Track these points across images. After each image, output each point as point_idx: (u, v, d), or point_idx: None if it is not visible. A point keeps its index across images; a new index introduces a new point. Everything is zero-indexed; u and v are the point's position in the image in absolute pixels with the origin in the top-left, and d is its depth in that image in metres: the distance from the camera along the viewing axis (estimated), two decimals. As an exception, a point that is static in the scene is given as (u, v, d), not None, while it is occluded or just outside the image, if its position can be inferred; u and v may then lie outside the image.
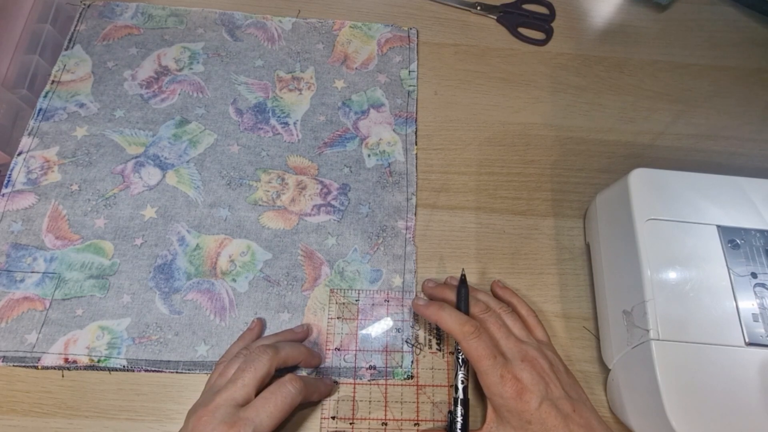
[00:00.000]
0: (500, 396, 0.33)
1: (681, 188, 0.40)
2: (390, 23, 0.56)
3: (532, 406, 0.33)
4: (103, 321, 0.40)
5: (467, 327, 0.35)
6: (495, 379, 0.33)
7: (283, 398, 0.32)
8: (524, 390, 0.33)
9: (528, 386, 0.33)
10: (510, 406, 0.33)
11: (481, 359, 0.34)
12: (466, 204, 0.47)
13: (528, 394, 0.33)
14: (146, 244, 0.43)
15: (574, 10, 0.59)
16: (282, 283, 0.43)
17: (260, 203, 0.45)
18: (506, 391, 0.33)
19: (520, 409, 0.33)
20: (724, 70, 0.56)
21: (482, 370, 0.34)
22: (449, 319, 0.35)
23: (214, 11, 0.55)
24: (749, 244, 0.38)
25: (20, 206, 0.44)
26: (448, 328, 0.35)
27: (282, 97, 0.51)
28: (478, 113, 0.52)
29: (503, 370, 0.33)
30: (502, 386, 0.33)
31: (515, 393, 0.33)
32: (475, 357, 0.34)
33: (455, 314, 0.36)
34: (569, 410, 0.33)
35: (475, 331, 0.34)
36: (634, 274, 0.37)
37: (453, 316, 0.35)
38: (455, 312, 0.36)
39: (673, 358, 0.34)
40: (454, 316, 0.36)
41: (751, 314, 0.35)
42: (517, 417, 0.33)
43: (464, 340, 0.34)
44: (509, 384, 0.33)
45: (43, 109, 0.48)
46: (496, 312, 0.38)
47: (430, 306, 0.37)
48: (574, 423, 0.33)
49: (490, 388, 0.34)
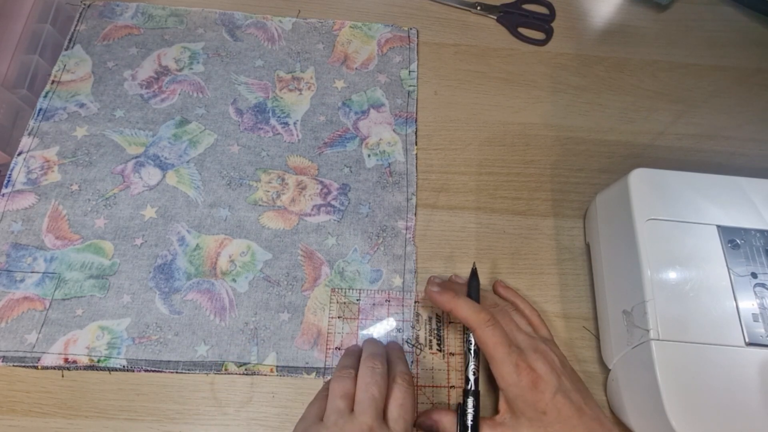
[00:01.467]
0: (515, 385, 0.33)
1: (681, 188, 0.40)
2: (390, 23, 0.56)
3: (547, 396, 0.33)
4: (103, 321, 0.40)
5: (483, 315, 0.35)
6: (510, 368, 0.33)
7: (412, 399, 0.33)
8: (539, 380, 0.33)
9: (543, 376, 0.33)
10: (525, 396, 0.33)
11: (497, 347, 0.34)
12: (466, 204, 0.47)
13: (543, 384, 0.33)
14: (146, 244, 0.43)
15: (574, 10, 0.59)
16: (282, 283, 0.43)
17: (260, 203, 0.45)
18: (522, 381, 0.33)
19: (535, 399, 0.33)
20: (724, 70, 0.56)
21: (498, 358, 0.34)
22: (465, 307, 0.35)
23: (214, 11, 0.55)
24: (749, 244, 0.38)
25: (20, 206, 0.44)
26: (463, 315, 0.35)
27: (282, 97, 0.51)
28: (478, 113, 0.52)
29: (518, 359, 0.33)
30: (517, 375, 0.33)
31: (530, 382, 0.33)
32: (491, 345, 0.34)
33: (471, 302, 0.36)
34: (581, 403, 0.33)
35: (491, 319, 0.35)
36: (634, 274, 0.37)
37: (469, 304, 0.36)
38: (470, 301, 0.36)
39: (673, 358, 0.34)
40: (470, 304, 0.36)
41: (751, 314, 0.35)
42: (532, 407, 0.33)
43: (479, 328, 0.34)
44: (525, 373, 0.33)
45: (43, 109, 0.48)
46: (504, 308, 0.38)
47: (445, 293, 0.37)
48: (586, 415, 0.33)
49: (505, 378, 0.33)
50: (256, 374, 0.39)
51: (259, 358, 0.40)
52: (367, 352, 0.36)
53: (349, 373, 0.34)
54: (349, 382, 0.33)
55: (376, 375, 0.33)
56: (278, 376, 0.40)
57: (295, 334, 0.41)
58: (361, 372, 0.34)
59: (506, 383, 0.34)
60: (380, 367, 0.34)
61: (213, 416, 0.38)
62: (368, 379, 0.33)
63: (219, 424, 0.38)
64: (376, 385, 0.32)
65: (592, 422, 0.33)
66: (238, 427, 0.38)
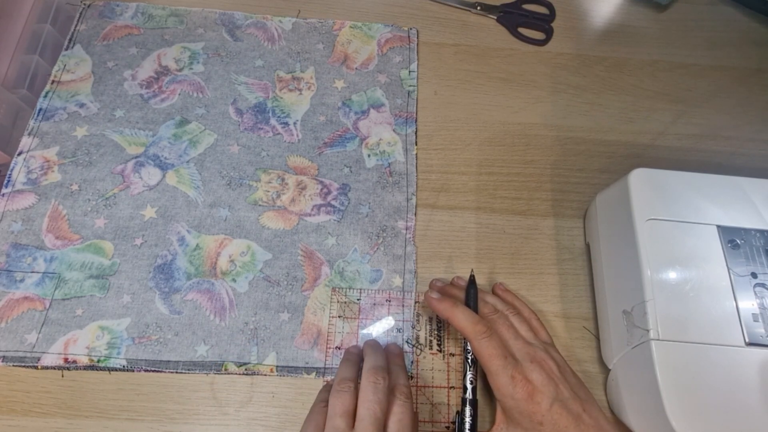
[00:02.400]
0: (511, 397, 0.33)
1: (681, 188, 0.40)
2: (390, 23, 0.56)
3: (543, 407, 0.33)
4: (102, 321, 0.40)
5: (479, 326, 0.35)
6: (506, 380, 0.33)
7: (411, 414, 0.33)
8: (535, 391, 0.33)
9: (539, 387, 0.33)
10: (521, 408, 0.33)
11: (492, 359, 0.34)
12: (466, 204, 0.47)
13: (539, 395, 0.33)
14: (146, 244, 0.43)
15: (574, 10, 0.59)
16: (282, 283, 0.43)
17: (260, 203, 0.45)
18: (517, 392, 0.33)
19: (531, 411, 0.33)
20: (724, 70, 0.56)
21: (493, 370, 0.34)
22: (462, 318, 0.35)
23: (214, 11, 0.55)
24: (749, 244, 0.38)
25: (20, 206, 0.44)
26: (460, 326, 0.36)
27: (282, 97, 0.51)
28: (478, 113, 0.52)
29: (514, 371, 0.34)
30: (513, 387, 0.33)
31: (526, 394, 0.33)
32: (486, 357, 0.34)
33: (468, 313, 0.36)
34: (579, 410, 0.33)
35: (487, 331, 0.35)
36: (634, 274, 0.37)
37: (466, 315, 0.36)
38: (468, 311, 0.36)
39: (673, 358, 0.34)
40: (467, 315, 0.36)
41: (751, 314, 0.35)
42: (528, 418, 0.33)
43: (475, 340, 0.34)
44: (520, 385, 0.33)
45: (43, 109, 0.48)
46: (503, 314, 0.38)
47: (444, 302, 0.37)
48: (585, 423, 0.33)
49: (501, 390, 0.34)
50: (256, 374, 0.39)
51: (259, 358, 0.40)
52: (369, 364, 0.35)
53: (348, 386, 0.33)
54: (349, 398, 0.32)
55: (378, 392, 0.32)
56: (278, 376, 0.40)
57: (294, 334, 0.41)
58: (363, 387, 0.33)
59: (502, 395, 0.34)
60: (383, 383, 0.33)
61: (213, 416, 0.38)
62: (371, 396, 0.32)
63: (219, 424, 0.38)
64: (378, 403, 0.32)
65: (591, 430, 0.33)
66: (238, 427, 0.38)
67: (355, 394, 0.33)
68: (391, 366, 0.36)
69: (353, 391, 0.33)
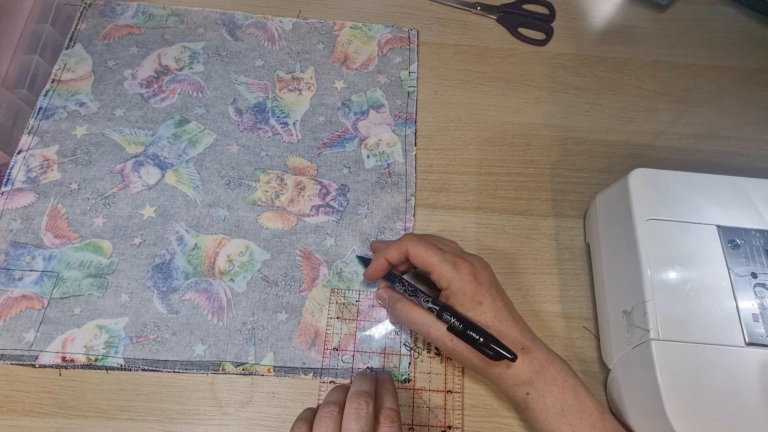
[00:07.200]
0: (456, 280, 0.35)
1: (681, 188, 0.40)
2: (390, 24, 0.56)
3: (484, 287, 0.36)
4: (100, 320, 0.40)
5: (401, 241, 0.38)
6: (448, 267, 0.36)
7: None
8: (477, 271, 0.36)
9: (479, 269, 0.36)
10: (465, 289, 0.35)
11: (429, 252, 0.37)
12: (466, 204, 0.47)
13: (481, 275, 0.36)
14: (145, 243, 0.43)
15: (574, 10, 0.59)
16: (280, 283, 0.42)
17: (259, 203, 0.45)
18: (461, 274, 0.35)
19: (473, 291, 0.35)
20: (724, 70, 0.56)
21: (435, 261, 0.36)
22: (384, 251, 0.39)
23: (214, 11, 0.55)
24: (749, 244, 0.38)
25: (19, 204, 0.44)
26: (386, 256, 0.39)
27: (282, 97, 0.51)
28: (478, 113, 0.52)
29: (454, 258, 0.36)
30: (457, 271, 0.36)
31: (470, 273, 0.36)
32: (423, 253, 0.37)
33: (384, 248, 0.39)
34: (508, 299, 0.37)
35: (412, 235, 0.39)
36: (634, 274, 0.37)
37: (384, 250, 0.39)
38: (385, 248, 0.39)
39: (673, 358, 0.34)
40: (384, 249, 0.39)
41: (751, 314, 0.35)
42: (471, 299, 0.35)
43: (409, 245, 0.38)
44: (463, 267, 0.36)
45: (43, 108, 0.48)
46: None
47: (376, 264, 0.39)
48: (515, 310, 0.37)
49: (446, 276, 0.36)
50: (253, 374, 0.39)
51: (256, 359, 0.40)
52: (353, 389, 0.34)
53: (332, 411, 0.32)
54: (332, 425, 0.31)
55: (361, 419, 0.31)
56: (277, 377, 0.39)
57: (292, 335, 0.41)
58: (346, 413, 0.32)
59: (447, 281, 0.36)
60: (365, 408, 0.32)
61: (213, 416, 0.38)
62: (352, 425, 0.31)
63: (219, 424, 0.38)
64: (360, 431, 0.31)
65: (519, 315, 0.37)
66: (238, 427, 0.38)
67: (339, 420, 0.32)
68: (379, 390, 0.35)
69: (337, 418, 0.32)
